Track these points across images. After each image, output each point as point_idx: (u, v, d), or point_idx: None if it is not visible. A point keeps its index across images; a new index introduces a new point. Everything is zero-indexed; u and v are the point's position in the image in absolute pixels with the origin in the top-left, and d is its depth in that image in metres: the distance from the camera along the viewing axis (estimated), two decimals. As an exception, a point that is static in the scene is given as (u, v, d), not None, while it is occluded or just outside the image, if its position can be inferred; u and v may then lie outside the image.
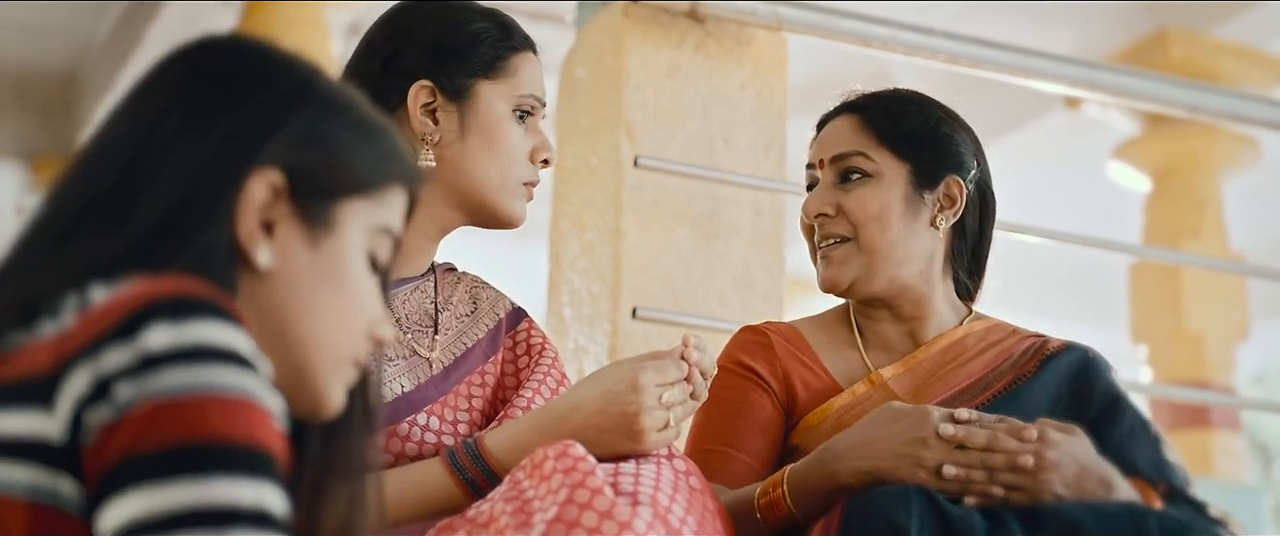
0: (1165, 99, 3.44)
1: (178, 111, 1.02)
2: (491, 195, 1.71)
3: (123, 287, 0.91)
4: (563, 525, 1.32)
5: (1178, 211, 6.27)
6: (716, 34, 2.94)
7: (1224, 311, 6.12)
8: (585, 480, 1.36)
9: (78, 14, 6.58)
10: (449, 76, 1.70)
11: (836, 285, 1.86)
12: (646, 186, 2.81)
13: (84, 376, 0.88)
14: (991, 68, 3.18)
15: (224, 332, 0.89)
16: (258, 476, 0.86)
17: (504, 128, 1.71)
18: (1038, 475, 1.59)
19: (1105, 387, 1.83)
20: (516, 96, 1.72)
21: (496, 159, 1.70)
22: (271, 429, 0.89)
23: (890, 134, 1.86)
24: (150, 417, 0.85)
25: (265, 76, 1.05)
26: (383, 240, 1.09)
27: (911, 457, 1.59)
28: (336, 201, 1.05)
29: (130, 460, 0.85)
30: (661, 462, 1.48)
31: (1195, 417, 6.06)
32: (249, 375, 0.89)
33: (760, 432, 1.83)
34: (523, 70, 1.74)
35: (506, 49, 1.73)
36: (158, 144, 1.00)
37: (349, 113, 1.07)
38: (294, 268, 1.03)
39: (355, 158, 1.06)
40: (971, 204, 1.89)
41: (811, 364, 1.88)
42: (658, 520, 1.37)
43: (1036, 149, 7.01)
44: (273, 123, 1.03)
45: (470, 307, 1.79)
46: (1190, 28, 6.14)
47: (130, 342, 0.87)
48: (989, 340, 1.89)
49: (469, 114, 1.70)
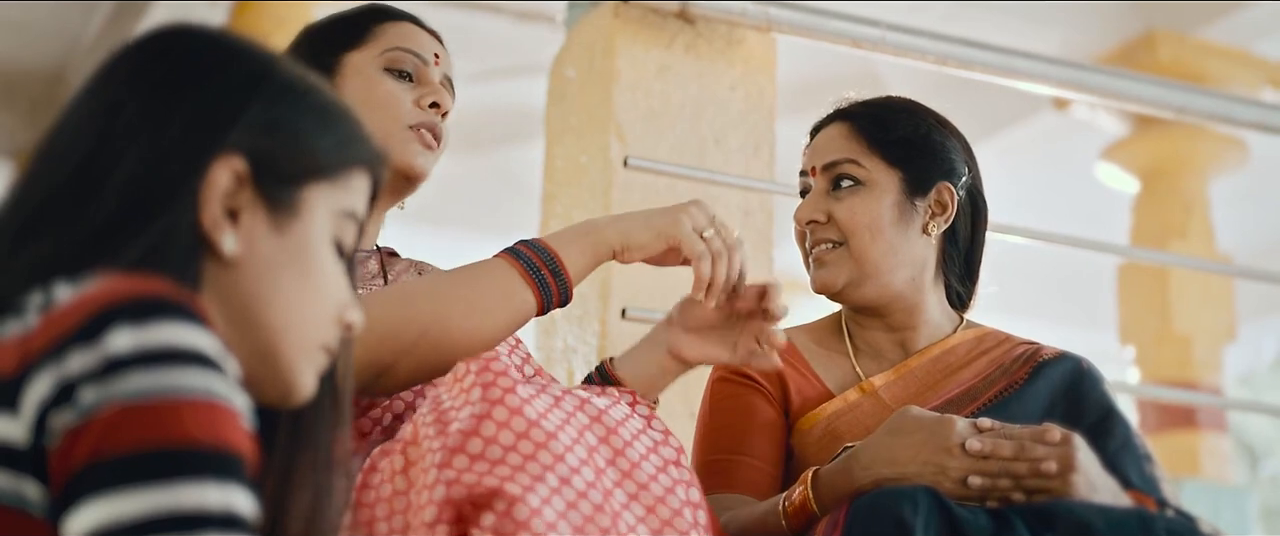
0: (1153, 100, 3.45)
1: (136, 101, 1.01)
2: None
3: (87, 287, 0.90)
4: (479, 439, 1.32)
5: (1165, 212, 6.28)
6: (706, 34, 2.95)
7: (1211, 312, 6.13)
8: (504, 397, 1.35)
9: (66, 12, 6.56)
10: (317, 59, 1.78)
11: (830, 287, 1.86)
12: (636, 187, 2.81)
13: (47, 380, 0.86)
14: (980, 69, 3.19)
15: (188, 333, 0.88)
16: (225, 479, 0.85)
17: (371, 84, 1.77)
18: (1064, 477, 1.59)
19: (1099, 398, 1.83)
20: (382, 57, 1.79)
21: (371, 114, 1.74)
22: (238, 429, 0.88)
23: (881, 141, 1.87)
24: (114, 422, 0.84)
25: (224, 64, 1.04)
26: (347, 225, 1.08)
27: (936, 466, 1.59)
28: (300, 186, 1.04)
29: (95, 465, 0.84)
30: (645, 427, 1.47)
31: (1182, 418, 6.07)
32: (215, 376, 0.88)
33: (765, 436, 1.83)
34: (388, 33, 1.81)
35: (368, 21, 1.82)
36: (117, 134, 0.99)
37: (309, 97, 1.07)
38: (260, 254, 1.02)
39: (317, 142, 1.06)
40: (963, 210, 1.89)
41: (804, 370, 1.88)
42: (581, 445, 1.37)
43: (1024, 150, 7.03)
44: (233, 109, 1.02)
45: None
46: (1178, 29, 6.16)
47: (93, 346, 0.86)
48: (981, 348, 1.89)
49: (339, 85, 1.78)
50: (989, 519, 1.54)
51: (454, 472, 1.31)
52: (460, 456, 1.32)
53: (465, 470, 1.31)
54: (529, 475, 1.30)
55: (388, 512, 1.38)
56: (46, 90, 7.21)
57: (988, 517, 1.54)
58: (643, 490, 1.40)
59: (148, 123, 1.00)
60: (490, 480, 1.30)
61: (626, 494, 1.39)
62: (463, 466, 1.31)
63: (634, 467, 1.41)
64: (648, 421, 1.47)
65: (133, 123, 1.00)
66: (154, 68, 1.03)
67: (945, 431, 1.60)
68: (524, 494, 1.29)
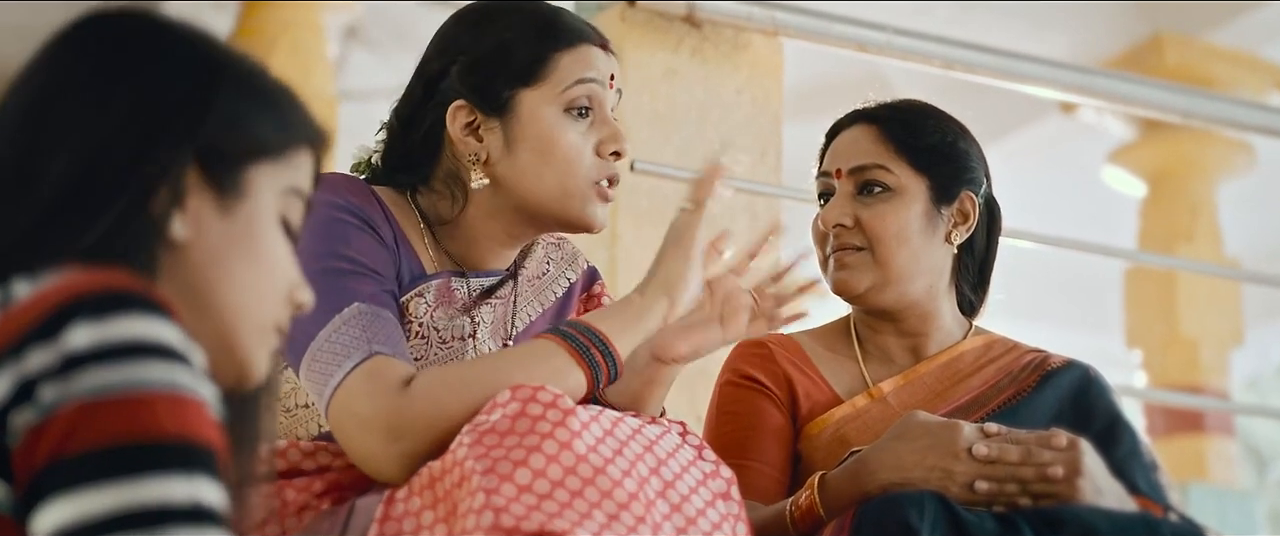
0: (1160, 104, 3.45)
1: (78, 89, 1.00)
2: (556, 206, 1.63)
3: (46, 283, 0.89)
4: (528, 470, 1.31)
5: (1172, 216, 6.27)
6: (712, 38, 2.95)
7: (1218, 316, 6.11)
8: (554, 431, 1.34)
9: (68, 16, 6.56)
10: (485, 91, 1.62)
11: (850, 289, 1.85)
12: (642, 190, 2.81)
13: (7, 378, 0.86)
14: (986, 72, 3.19)
15: (150, 326, 0.87)
16: (190, 471, 0.84)
17: (554, 133, 1.61)
18: (1071, 481, 1.59)
19: (1106, 407, 1.84)
20: (563, 96, 1.62)
21: (551, 167, 1.61)
22: (205, 420, 0.87)
23: (910, 148, 1.85)
24: (74, 419, 0.84)
25: (165, 49, 1.03)
26: (294, 202, 1.07)
27: (942, 471, 1.59)
28: (245, 168, 1.03)
29: (57, 464, 0.83)
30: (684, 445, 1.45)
31: (1189, 422, 6.05)
32: (179, 367, 0.87)
33: (774, 441, 1.83)
34: (566, 66, 1.63)
35: (544, 50, 1.63)
36: (59, 123, 0.98)
37: (251, 80, 1.06)
38: (208, 237, 1.01)
39: (261, 124, 1.04)
40: (980, 219, 1.89)
41: (812, 375, 1.88)
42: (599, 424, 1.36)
43: (1031, 154, 7.01)
44: (178, 95, 1.01)
45: (543, 268, 1.75)
46: (1185, 33, 6.14)
47: (52, 343, 0.86)
48: (989, 355, 1.89)
49: (513, 127, 1.62)
50: (995, 523, 1.54)
51: (503, 500, 1.29)
52: (508, 485, 1.30)
53: (513, 500, 1.29)
54: (577, 512, 1.29)
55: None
56: (54, 93, 7.21)
57: (994, 522, 1.54)
58: (691, 525, 1.37)
59: (90, 110, 0.98)
60: (538, 516, 1.28)
61: (675, 527, 1.36)
62: (511, 495, 1.29)
63: (684, 500, 1.38)
64: (699, 452, 1.45)
65: (75, 111, 0.98)
66: (91, 53, 1.02)
67: (952, 436, 1.60)
68: (572, 529, 1.27)
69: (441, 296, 1.63)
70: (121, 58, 1.01)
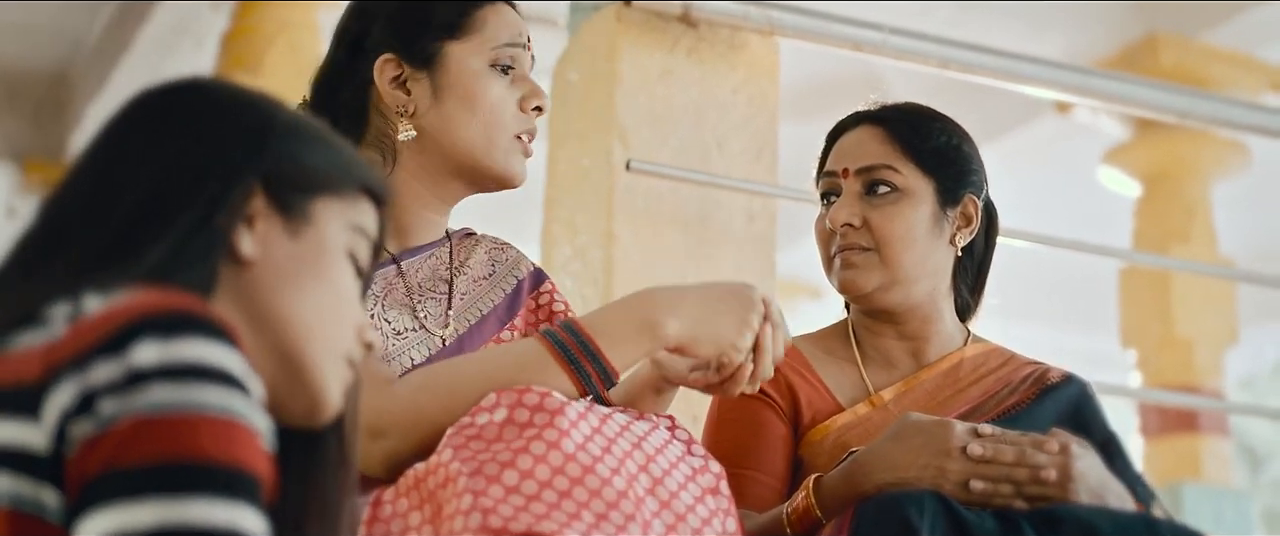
0: (1155, 104, 3.45)
1: (145, 129, 1.04)
2: (481, 157, 1.67)
3: (116, 299, 0.91)
4: (515, 472, 1.30)
5: (1167, 216, 6.28)
6: (709, 38, 2.95)
7: (1213, 316, 6.12)
8: (542, 432, 1.33)
9: (69, 14, 6.56)
10: (412, 44, 1.66)
11: (857, 288, 1.85)
12: (639, 190, 2.81)
13: (71, 388, 0.87)
14: (982, 72, 3.19)
15: (214, 351, 0.89)
16: (235, 498, 0.86)
17: (480, 85, 1.66)
18: (1063, 485, 1.60)
19: (1103, 423, 1.86)
20: (490, 50, 1.67)
21: (478, 117, 1.66)
22: (256, 450, 0.88)
23: (918, 149, 1.85)
24: (131, 433, 0.85)
25: (225, 96, 1.07)
26: (360, 241, 1.10)
27: (935, 469, 1.60)
28: (309, 197, 1.06)
29: (108, 474, 0.85)
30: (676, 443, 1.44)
31: (1184, 422, 6.06)
32: (237, 395, 0.88)
33: (776, 451, 1.83)
34: (492, 21, 1.68)
35: (468, 4, 1.68)
36: (128, 158, 1.02)
37: (306, 125, 1.10)
38: (277, 256, 1.04)
39: (318, 160, 1.08)
40: (980, 222, 1.90)
41: (814, 381, 1.87)
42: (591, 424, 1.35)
43: (1027, 154, 7.02)
44: (248, 138, 1.05)
45: (489, 269, 1.76)
46: (1180, 33, 6.15)
47: (119, 357, 0.87)
48: (987, 366, 1.89)
49: (440, 78, 1.66)
50: (995, 522, 1.55)
51: (491, 501, 1.29)
52: (496, 486, 1.30)
53: (501, 500, 1.29)
54: (565, 512, 1.29)
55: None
56: (50, 92, 7.21)
57: (994, 520, 1.55)
58: (681, 521, 1.37)
59: (158, 147, 1.03)
60: (526, 516, 1.28)
61: (665, 524, 1.36)
62: (499, 496, 1.29)
63: (673, 496, 1.38)
64: (688, 447, 1.45)
65: (144, 149, 1.03)
66: (161, 103, 1.06)
67: (944, 434, 1.61)
68: (561, 530, 1.27)
69: (388, 288, 1.66)
70: (186, 106, 1.06)
